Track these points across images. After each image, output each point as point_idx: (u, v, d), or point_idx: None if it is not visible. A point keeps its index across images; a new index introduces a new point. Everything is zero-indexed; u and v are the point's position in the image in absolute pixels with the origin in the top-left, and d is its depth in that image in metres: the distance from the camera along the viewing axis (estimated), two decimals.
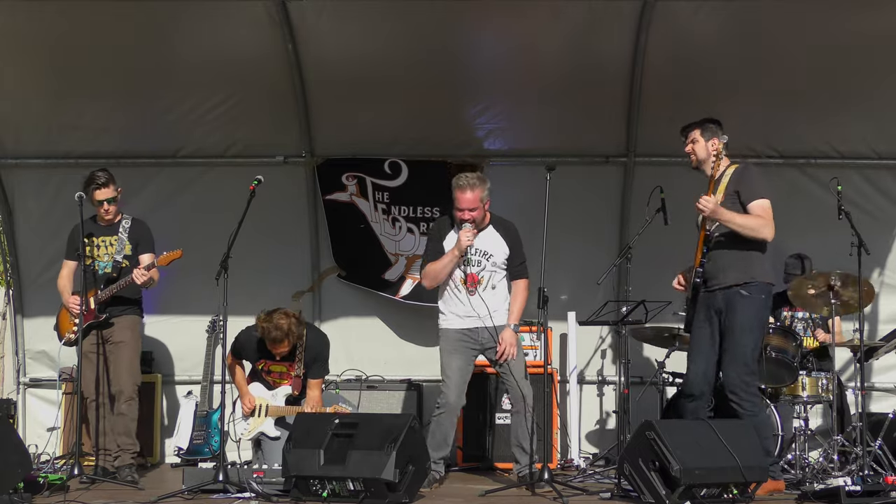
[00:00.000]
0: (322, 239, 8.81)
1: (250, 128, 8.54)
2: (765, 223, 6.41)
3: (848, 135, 8.49)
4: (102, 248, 7.31)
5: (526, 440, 6.89)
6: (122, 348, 7.22)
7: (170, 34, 7.75)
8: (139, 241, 7.32)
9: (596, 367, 8.82)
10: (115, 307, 7.23)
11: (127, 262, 7.27)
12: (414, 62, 7.98)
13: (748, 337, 6.39)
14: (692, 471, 5.73)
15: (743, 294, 6.40)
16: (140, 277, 7.08)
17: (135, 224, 7.38)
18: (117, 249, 7.28)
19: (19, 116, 8.40)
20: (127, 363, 7.22)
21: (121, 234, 7.31)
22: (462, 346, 6.95)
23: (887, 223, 8.59)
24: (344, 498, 5.95)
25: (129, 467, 7.09)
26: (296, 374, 7.35)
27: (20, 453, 6.08)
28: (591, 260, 8.41)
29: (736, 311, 6.40)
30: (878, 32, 7.49)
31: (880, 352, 7.79)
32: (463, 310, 6.95)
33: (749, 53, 7.81)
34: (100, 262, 7.28)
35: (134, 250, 7.30)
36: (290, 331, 7.15)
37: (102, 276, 7.25)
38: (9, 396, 8.60)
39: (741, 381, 6.36)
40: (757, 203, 6.42)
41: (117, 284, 7.18)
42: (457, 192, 6.87)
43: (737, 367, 6.37)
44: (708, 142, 6.59)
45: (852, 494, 5.89)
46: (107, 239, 7.32)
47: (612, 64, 8.05)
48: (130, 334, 7.27)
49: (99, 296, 7.17)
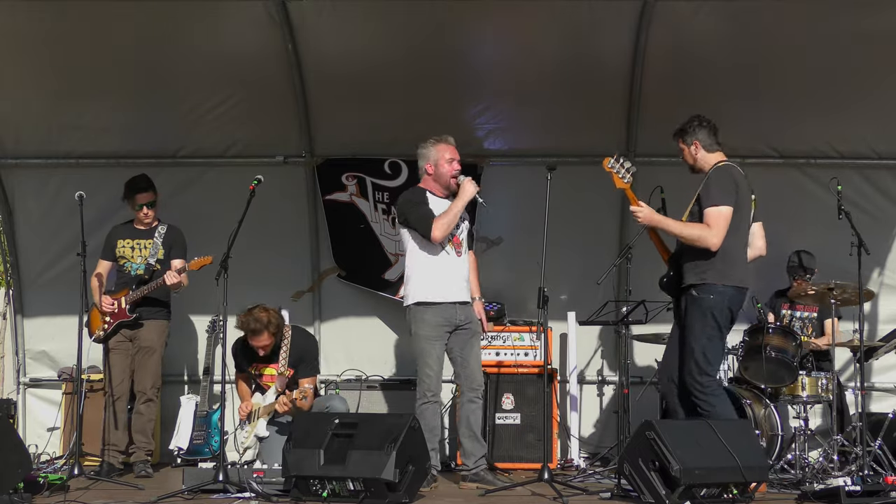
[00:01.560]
0: (322, 239, 8.81)
1: (250, 128, 8.54)
2: (708, 233, 6.27)
3: (848, 135, 8.49)
4: (137, 250, 7.57)
5: (479, 428, 6.86)
6: (149, 352, 7.51)
7: (170, 34, 7.74)
8: (172, 246, 7.62)
9: (596, 367, 8.82)
10: (146, 308, 7.48)
11: (159, 265, 7.52)
12: (414, 62, 7.98)
13: (694, 338, 6.35)
14: (692, 471, 5.73)
15: (694, 295, 6.38)
16: (171, 278, 7.32)
17: (170, 230, 7.67)
18: (151, 253, 7.56)
19: (19, 116, 8.40)
20: (152, 367, 7.52)
21: (156, 239, 7.59)
22: (442, 332, 6.82)
23: (887, 223, 8.59)
24: (344, 498, 5.95)
25: (144, 463, 7.38)
26: (280, 372, 7.42)
27: (20, 453, 6.07)
28: (591, 260, 8.41)
29: (687, 312, 6.41)
30: (879, 32, 7.49)
31: (880, 352, 7.80)
32: (452, 274, 6.84)
33: (749, 53, 7.81)
34: (132, 263, 7.54)
35: (167, 255, 7.57)
36: (269, 322, 7.25)
37: (135, 278, 7.49)
38: (9, 396, 8.61)
39: (693, 381, 6.34)
40: (709, 210, 6.32)
41: (149, 286, 7.41)
42: (442, 144, 6.89)
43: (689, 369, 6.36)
44: (690, 146, 6.58)
45: (852, 494, 5.89)
46: (141, 242, 7.60)
47: (612, 64, 8.05)
48: (158, 339, 7.57)
49: (130, 296, 7.40)
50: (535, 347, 8.02)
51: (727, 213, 6.30)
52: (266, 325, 7.24)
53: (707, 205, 6.34)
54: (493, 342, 7.93)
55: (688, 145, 6.57)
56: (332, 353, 8.55)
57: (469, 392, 6.87)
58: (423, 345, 6.81)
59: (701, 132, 6.54)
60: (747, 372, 7.62)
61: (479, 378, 6.93)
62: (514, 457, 7.83)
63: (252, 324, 7.25)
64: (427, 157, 6.93)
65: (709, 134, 6.54)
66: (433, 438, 6.78)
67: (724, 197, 6.33)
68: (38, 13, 7.43)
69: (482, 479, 6.73)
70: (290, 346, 7.41)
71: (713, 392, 6.37)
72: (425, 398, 6.77)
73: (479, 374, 6.95)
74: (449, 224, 6.77)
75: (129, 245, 7.59)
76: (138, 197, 7.54)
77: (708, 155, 6.53)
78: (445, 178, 6.90)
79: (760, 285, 8.14)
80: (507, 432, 7.88)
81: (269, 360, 7.50)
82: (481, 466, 6.85)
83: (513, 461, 7.79)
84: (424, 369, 6.80)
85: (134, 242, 7.59)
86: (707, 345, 6.34)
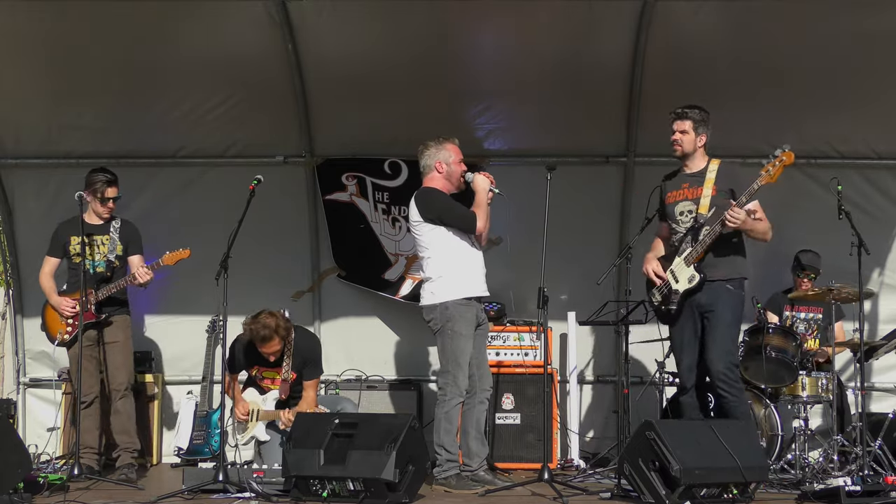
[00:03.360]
0: (322, 239, 8.81)
1: (250, 128, 8.54)
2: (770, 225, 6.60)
3: (848, 135, 8.49)
4: (95, 246, 7.29)
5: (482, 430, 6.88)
6: (117, 348, 7.29)
7: (170, 34, 7.74)
8: (130, 242, 7.37)
9: (596, 368, 8.82)
10: (109, 307, 7.28)
11: (118, 262, 7.31)
12: (414, 62, 7.98)
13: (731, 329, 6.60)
14: (692, 471, 5.74)
15: (730, 289, 6.56)
16: (144, 276, 7.13)
17: (125, 225, 7.42)
18: (109, 249, 7.29)
19: (19, 116, 8.40)
20: (122, 362, 7.29)
21: (112, 234, 7.32)
22: (474, 329, 6.75)
23: (887, 223, 8.59)
24: (344, 498, 5.95)
25: (129, 467, 7.12)
26: (283, 378, 7.35)
27: (20, 453, 6.08)
28: (591, 260, 8.41)
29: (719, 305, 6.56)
30: (879, 32, 7.49)
31: (880, 352, 7.79)
32: (482, 268, 6.85)
33: (749, 53, 7.80)
34: (90, 261, 7.24)
35: (125, 251, 7.34)
36: (277, 327, 7.16)
37: (96, 276, 7.24)
38: (9, 396, 8.60)
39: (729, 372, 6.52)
40: (757, 203, 6.51)
41: (116, 284, 7.22)
42: (452, 144, 6.92)
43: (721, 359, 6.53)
44: (697, 137, 6.64)
45: (852, 494, 5.89)
46: (98, 238, 7.31)
47: (612, 64, 8.05)
48: (123, 334, 7.34)
49: (98, 295, 7.19)
50: (535, 347, 8.02)
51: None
52: (275, 329, 7.15)
53: (751, 198, 6.47)
54: (494, 342, 7.92)
55: (697, 134, 6.66)
56: (332, 353, 8.53)
57: (482, 393, 6.88)
58: (463, 343, 6.68)
59: (709, 131, 6.73)
60: (747, 372, 7.61)
61: (491, 378, 6.97)
62: (514, 457, 7.83)
63: (262, 331, 7.13)
64: (438, 155, 6.91)
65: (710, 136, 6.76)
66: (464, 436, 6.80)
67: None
68: (38, 13, 7.43)
69: (483, 480, 6.73)
70: (294, 350, 7.35)
71: (738, 380, 6.62)
72: (460, 397, 6.67)
73: (490, 375, 6.98)
74: (487, 216, 6.81)
75: (85, 241, 7.18)
76: (109, 190, 7.27)
77: (704, 152, 6.72)
78: (456, 177, 6.91)
79: (761, 286, 8.16)
80: (507, 432, 7.88)
81: (273, 364, 7.42)
82: (483, 467, 6.86)
83: (513, 461, 7.79)
84: (463, 367, 6.67)
85: (89, 239, 7.23)
86: (737, 336, 6.67)
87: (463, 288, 6.75)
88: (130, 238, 7.38)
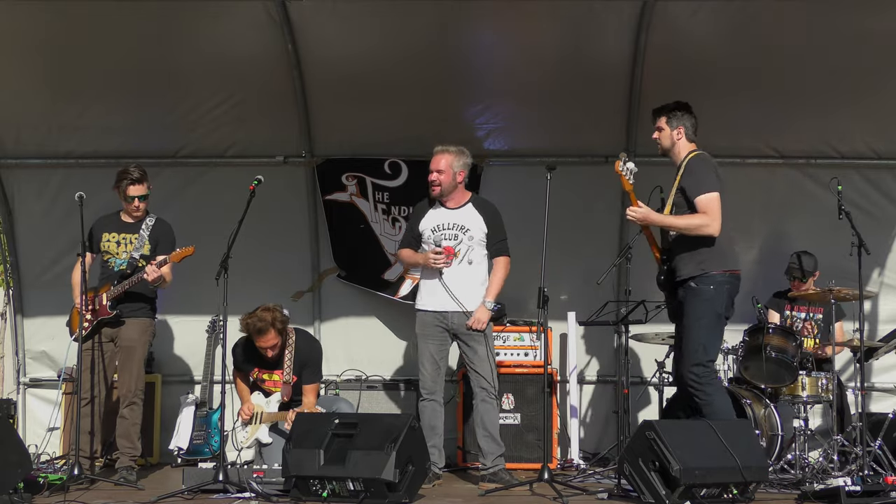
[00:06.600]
0: (322, 239, 8.81)
1: (250, 128, 8.54)
2: (708, 220, 6.41)
3: (848, 135, 8.49)
4: (122, 244, 7.20)
5: (495, 428, 6.93)
6: (131, 352, 7.13)
7: (170, 34, 7.74)
8: (159, 241, 7.19)
9: (596, 368, 8.82)
10: (128, 305, 7.12)
11: (143, 261, 7.14)
12: (414, 62, 7.98)
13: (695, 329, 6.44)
14: (692, 471, 5.74)
15: (693, 287, 6.46)
16: (151, 273, 6.96)
17: (158, 224, 7.27)
18: (136, 247, 7.15)
19: (19, 116, 8.40)
20: (135, 368, 7.13)
21: (142, 233, 7.19)
22: (436, 331, 6.98)
23: (887, 223, 8.59)
24: (344, 498, 5.95)
25: (128, 469, 7.03)
26: (284, 381, 7.35)
27: (20, 453, 6.08)
28: (591, 260, 8.41)
29: (686, 304, 6.48)
30: (879, 32, 7.49)
31: (880, 352, 7.80)
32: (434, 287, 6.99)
33: (749, 53, 7.80)
34: (116, 259, 7.18)
35: (153, 250, 7.17)
36: (273, 319, 7.15)
37: (117, 273, 7.14)
38: (9, 396, 8.60)
39: (688, 371, 6.42)
40: (702, 198, 6.43)
41: (129, 281, 7.05)
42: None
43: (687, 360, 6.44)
44: (674, 130, 6.65)
45: (852, 494, 5.90)
46: (127, 236, 7.20)
47: (612, 64, 8.05)
48: (140, 338, 7.16)
49: (111, 291, 7.08)
50: (535, 347, 8.02)
51: (718, 198, 6.43)
52: (271, 322, 7.14)
53: (698, 193, 6.43)
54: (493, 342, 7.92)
55: (672, 128, 6.68)
56: (332, 353, 8.53)
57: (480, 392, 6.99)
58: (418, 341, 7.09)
59: (687, 120, 6.70)
60: (747, 372, 7.62)
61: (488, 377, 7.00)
62: (514, 457, 7.81)
63: (257, 323, 7.13)
64: (464, 164, 7.07)
65: (693, 124, 6.71)
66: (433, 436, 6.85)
67: (712, 183, 6.47)
68: (38, 13, 7.43)
69: (500, 479, 6.74)
70: (294, 352, 7.35)
71: (709, 381, 6.45)
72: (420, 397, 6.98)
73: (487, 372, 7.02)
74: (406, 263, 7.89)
75: (115, 239, 7.17)
76: (130, 189, 7.12)
77: (686, 143, 6.68)
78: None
79: (761, 286, 8.16)
80: (507, 432, 7.86)
81: (272, 366, 7.44)
82: (499, 466, 6.88)
83: (513, 461, 7.77)
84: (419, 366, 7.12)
85: (120, 237, 7.17)
86: (707, 336, 6.44)
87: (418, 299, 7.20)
88: (160, 237, 7.19)
